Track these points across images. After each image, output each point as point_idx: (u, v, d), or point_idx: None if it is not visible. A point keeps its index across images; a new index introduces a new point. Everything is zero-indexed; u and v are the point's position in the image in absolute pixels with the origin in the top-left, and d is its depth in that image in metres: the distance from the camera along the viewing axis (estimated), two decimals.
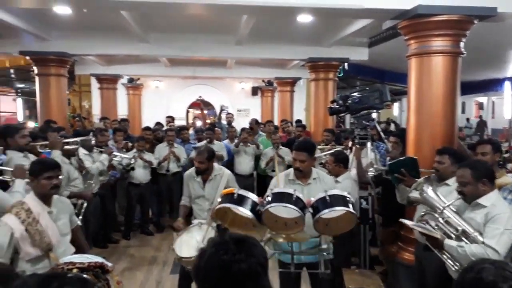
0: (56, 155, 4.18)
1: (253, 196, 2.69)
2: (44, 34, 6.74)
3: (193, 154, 6.57)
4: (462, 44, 4.22)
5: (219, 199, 2.78)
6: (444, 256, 2.77)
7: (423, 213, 3.01)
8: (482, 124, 17.88)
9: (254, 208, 2.62)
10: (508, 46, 8.10)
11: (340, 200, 2.65)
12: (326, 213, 2.59)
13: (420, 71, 4.22)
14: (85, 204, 4.39)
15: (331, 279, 4.08)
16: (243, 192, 2.71)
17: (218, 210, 2.74)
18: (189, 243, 3.36)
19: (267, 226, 2.72)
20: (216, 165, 4.10)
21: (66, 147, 4.55)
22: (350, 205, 2.63)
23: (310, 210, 2.66)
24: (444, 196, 3.01)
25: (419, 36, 4.18)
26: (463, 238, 2.70)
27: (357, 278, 4.07)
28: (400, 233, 4.60)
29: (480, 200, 2.71)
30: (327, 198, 2.61)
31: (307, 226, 2.85)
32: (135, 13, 5.69)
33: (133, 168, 6.08)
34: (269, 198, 2.64)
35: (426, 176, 3.20)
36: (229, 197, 2.67)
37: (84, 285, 0.93)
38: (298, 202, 2.59)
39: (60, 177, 2.99)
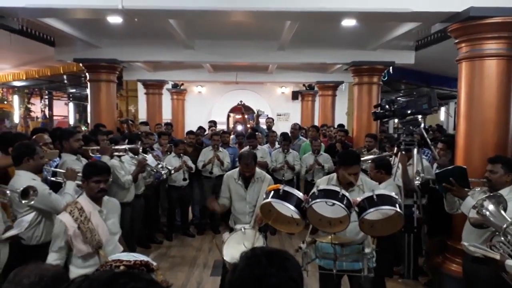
0: (106, 160, 4.37)
1: (298, 193, 2.69)
2: (96, 42, 7.09)
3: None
4: None
5: (264, 195, 2.79)
6: (509, 278, 2.61)
7: (489, 235, 2.84)
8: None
9: (299, 204, 2.61)
10: None
11: (387, 200, 2.59)
12: (372, 212, 2.53)
13: (472, 75, 4.04)
14: None
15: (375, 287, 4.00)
16: (288, 188, 2.72)
17: (263, 206, 2.75)
18: (238, 249, 3.38)
19: (311, 223, 2.70)
20: (257, 169, 4.13)
21: (116, 153, 4.73)
22: (398, 205, 2.56)
23: (356, 209, 2.61)
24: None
25: (471, 39, 4.01)
26: None
27: (400, 287, 3.97)
28: (447, 243, 4.42)
29: None
30: (374, 197, 2.55)
31: (351, 231, 2.81)
32: (180, 21, 5.86)
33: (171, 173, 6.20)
34: (315, 195, 2.62)
35: (490, 194, 2.98)
36: (274, 193, 2.68)
37: (149, 284, 0.96)
38: (344, 200, 2.55)
39: (109, 181, 3.14)
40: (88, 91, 7.82)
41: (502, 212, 2.78)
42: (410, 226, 4.51)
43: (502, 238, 2.66)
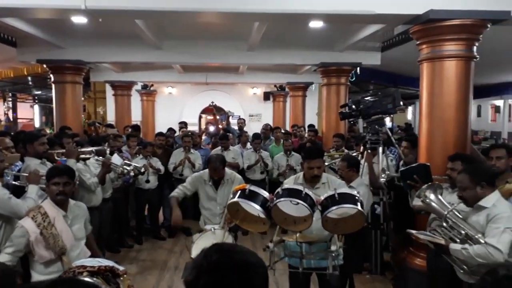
0: (71, 164, 4.26)
1: (264, 193, 2.72)
2: (60, 43, 6.89)
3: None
4: (475, 48, 4.17)
5: (231, 195, 2.81)
6: (453, 260, 2.83)
7: (430, 221, 3.08)
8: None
9: (264, 204, 2.64)
10: None
11: (349, 198, 2.66)
12: (334, 211, 2.59)
13: (432, 76, 4.19)
14: None
15: (343, 284, 4.08)
16: (254, 188, 2.74)
17: (230, 205, 2.77)
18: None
19: (276, 222, 2.73)
20: (227, 169, 4.15)
21: (82, 156, 4.62)
22: (359, 204, 2.63)
23: (319, 207, 2.66)
24: (458, 203, 3.00)
25: (431, 40, 4.16)
26: (468, 241, 2.76)
27: (368, 283, 4.07)
28: (411, 238, 4.55)
29: (481, 202, 2.79)
30: (336, 196, 2.61)
31: (318, 229, 2.86)
32: (148, 21, 5.79)
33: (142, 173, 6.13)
34: (279, 194, 2.65)
35: (430, 183, 3.22)
36: (241, 193, 2.70)
37: None
38: (307, 199, 2.60)
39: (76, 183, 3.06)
40: (53, 93, 7.60)
41: (442, 199, 3.02)
42: (376, 222, 4.64)
43: (444, 224, 2.87)
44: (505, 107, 18.22)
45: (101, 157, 4.94)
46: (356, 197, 2.67)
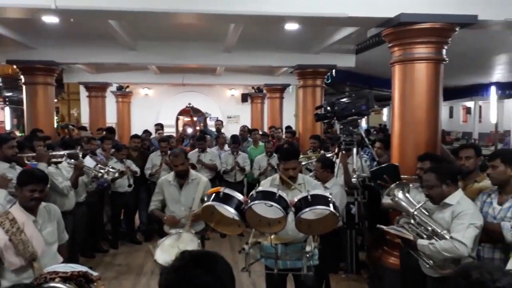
0: (42, 167, 4.15)
1: (238, 195, 2.71)
2: (31, 43, 6.71)
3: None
4: (444, 51, 4.30)
5: (205, 198, 2.79)
6: (419, 255, 2.94)
7: (398, 218, 3.15)
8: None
9: (239, 207, 2.64)
10: (492, 51, 8.26)
11: (321, 200, 2.68)
12: (307, 212, 2.62)
13: (404, 78, 4.29)
14: None
15: (319, 284, 4.13)
16: (228, 190, 2.73)
17: (204, 208, 2.75)
18: (172, 252, 3.32)
19: (250, 225, 2.74)
20: (192, 171, 4.14)
21: (53, 160, 4.51)
22: (331, 205, 2.66)
23: (293, 209, 2.69)
24: (425, 201, 3.08)
25: (402, 43, 4.26)
26: (434, 237, 2.86)
27: (344, 283, 4.12)
28: (385, 237, 4.65)
29: (447, 200, 2.90)
30: (309, 197, 2.64)
31: (293, 230, 2.88)
32: (123, 21, 5.71)
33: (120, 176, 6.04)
34: (253, 197, 2.66)
35: (398, 182, 3.32)
36: (215, 196, 2.69)
37: None
38: (280, 201, 2.61)
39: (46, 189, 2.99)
40: (23, 94, 7.39)
41: (410, 198, 3.12)
42: (351, 222, 4.71)
43: (412, 221, 2.98)
44: (476, 109, 18.84)
45: (73, 160, 4.83)
46: (329, 198, 2.70)
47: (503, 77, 12.10)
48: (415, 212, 2.96)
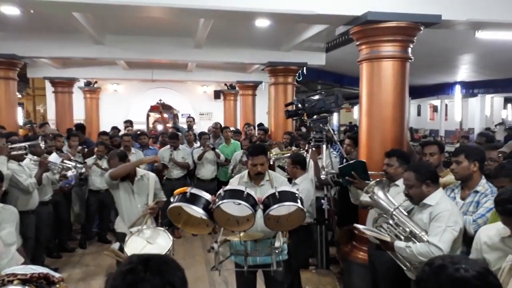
0: (2, 161, 3.99)
1: (205, 195, 2.68)
2: None
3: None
4: (410, 50, 4.39)
5: (172, 199, 2.75)
6: (396, 257, 2.88)
7: (376, 218, 3.09)
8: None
9: (206, 206, 2.61)
10: (456, 51, 8.53)
11: (289, 196, 2.69)
12: (275, 209, 2.62)
13: (371, 75, 4.36)
14: None
15: (289, 280, 4.15)
16: (195, 190, 2.70)
17: (171, 210, 2.70)
18: (144, 249, 3.24)
19: (219, 224, 2.72)
20: (138, 169, 4.08)
21: (13, 152, 4.33)
22: (299, 201, 2.67)
23: (261, 206, 2.68)
24: (393, 197, 3.11)
25: (369, 41, 4.32)
26: (412, 238, 2.80)
27: (314, 278, 4.14)
28: (354, 232, 4.72)
29: (426, 200, 2.84)
30: (277, 194, 2.64)
31: (262, 225, 2.89)
32: (88, 14, 5.53)
33: (86, 176, 5.90)
34: (221, 196, 2.64)
35: (378, 179, 3.28)
36: (182, 196, 2.65)
37: None
38: (249, 199, 2.61)
39: (3, 188, 2.87)
40: None
41: (390, 197, 3.07)
42: (321, 217, 4.75)
43: (390, 221, 2.93)
44: (442, 107, 19.46)
45: (36, 157, 4.67)
46: (296, 194, 2.71)
47: (468, 76, 12.53)
48: (394, 212, 2.89)
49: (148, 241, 3.18)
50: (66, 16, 5.14)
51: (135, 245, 3.23)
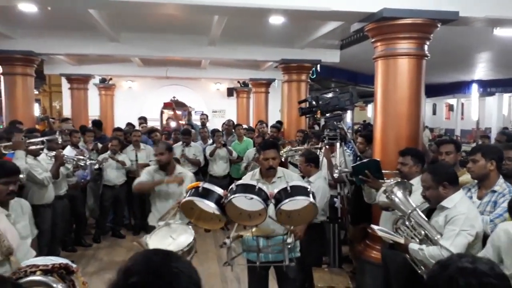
0: (20, 155, 4.06)
1: (218, 189, 2.68)
2: (9, 32, 6.53)
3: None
4: (426, 47, 4.32)
5: (184, 194, 2.76)
6: (412, 259, 2.83)
7: (396, 219, 3.02)
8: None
9: (219, 201, 2.62)
10: (473, 49, 8.39)
11: (301, 190, 2.67)
12: (287, 203, 2.60)
13: (386, 73, 4.31)
14: None
15: (302, 278, 4.14)
16: (208, 185, 2.71)
17: (184, 204, 2.72)
18: (165, 243, 3.27)
19: (231, 218, 2.72)
20: (178, 166, 4.14)
21: (31, 147, 4.41)
22: (311, 195, 2.66)
23: (273, 201, 2.68)
24: (421, 202, 3.01)
25: (385, 38, 4.27)
26: (428, 241, 2.75)
27: (326, 276, 4.12)
28: (367, 231, 4.68)
29: (444, 203, 2.77)
30: (288, 188, 2.63)
31: (273, 221, 2.89)
32: (104, 11, 5.59)
33: (100, 169, 5.98)
34: (233, 190, 2.65)
35: (399, 180, 3.19)
36: (194, 191, 2.66)
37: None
38: (260, 193, 2.60)
39: (20, 177, 2.91)
40: (1, 85, 7.21)
41: (408, 198, 2.99)
42: (334, 216, 4.72)
43: (407, 223, 2.87)
44: (458, 106, 19.18)
45: (52, 152, 4.75)
46: (308, 189, 2.70)
47: (485, 74, 12.32)
48: (411, 214, 2.83)
49: (172, 236, 3.20)
50: (82, 13, 5.20)
51: (158, 239, 3.27)
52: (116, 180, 6.20)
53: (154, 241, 3.23)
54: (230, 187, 2.70)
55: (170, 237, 3.23)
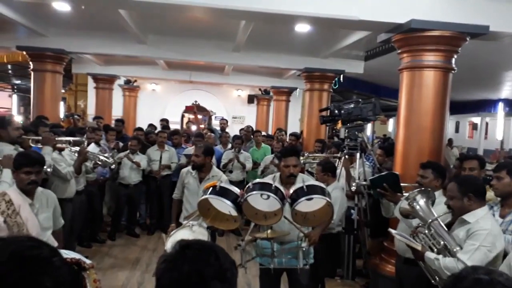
0: (47, 151, 4.15)
1: (235, 189, 2.69)
2: (42, 30, 6.74)
3: (182, 159, 6.59)
4: (453, 60, 4.26)
5: (201, 193, 2.78)
6: (426, 268, 2.77)
7: (416, 226, 2.96)
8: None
9: (235, 200, 2.62)
10: (502, 66, 8.20)
11: (317, 190, 2.64)
12: (303, 201, 2.58)
13: (411, 84, 4.26)
14: None
15: (314, 286, 4.09)
16: (225, 184, 2.72)
17: (201, 203, 2.73)
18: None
19: (247, 217, 2.71)
20: (215, 168, 4.21)
21: (58, 145, 4.52)
22: (327, 195, 2.63)
23: (289, 200, 2.66)
24: (446, 213, 2.95)
25: (412, 50, 4.23)
26: (446, 253, 2.68)
27: None
28: (384, 244, 4.60)
29: (465, 216, 2.69)
30: (304, 188, 2.61)
31: (288, 224, 2.86)
32: (133, 13, 5.73)
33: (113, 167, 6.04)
34: (250, 188, 2.64)
35: (423, 188, 3.11)
36: (212, 190, 2.67)
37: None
38: (277, 192, 2.59)
39: (47, 171, 2.97)
40: (31, 81, 7.43)
41: (430, 207, 2.93)
42: (350, 227, 4.66)
43: (426, 231, 2.81)
44: (482, 125, 18.73)
45: (76, 147, 4.85)
46: (324, 189, 2.67)
47: None
48: (432, 223, 2.78)
49: (189, 238, 3.22)
50: (113, 14, 5.33)
51: (176, 240, 3.30)
52: (130, 179, 6.27)
53: (171, 240, 3.28)
54: (247, 186, 2.70)
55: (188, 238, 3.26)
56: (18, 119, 10.16)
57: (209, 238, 3.45)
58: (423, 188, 3.07)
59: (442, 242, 2.72)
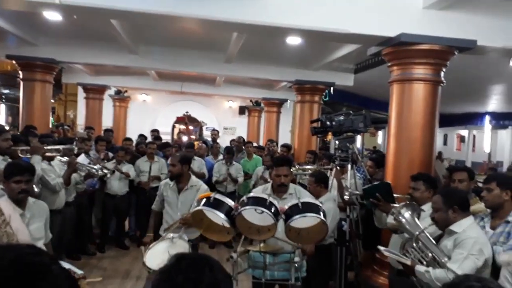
0: (36, 160, 4.09)
1: (229, 201, 2.67)
2: (32, 39, 6.71)
3: None
4: (442, 74, 4.34)
5: (195, 203, 2.75)
6: (418, 282, 2.77)
7: (404, 242, 2.98)
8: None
9: (229, 212, 2.60)
10: (489, 80, 8.38)
11: (312, 207, 2.64)
12: (297, 219, 2.57)
13: (401, 97, 4.33)
14: None
15: None
16: (219, 196, 2.69)
17: (194, 214, 2.71)
18: (161, 257, 3.25)
19: (240, 231, 2.69)
20: (193, 177, 4.10)
21: (47, 154, 4.45)
22: (322, 214, 2.62)
23: (283, 216, 2.65)
24: (431, 225, 2.98)
25: (402, 63, 4.30)
26: (436, 264, 2.70)
27: None
28: (376, 256, 4.60)
29: (452, 227, 2.73)
30: (300, 205, 2.60)
31: (282, 237, 2.84)
32: (125, 23, 5.73)
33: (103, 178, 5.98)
34: (244, 202, 2.63)
35: (408, 202, 3.17)
36: (205, 201, 2.65)
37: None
38: (271, 207, 2.57)
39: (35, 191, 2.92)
40: (20, 90, 7.36)
41: (416, 220, 2.95)
42: (342, 239, 4.65)
43: (414, 244, 2.82)
44: (470, 137, 19.00)
45: (66, 157, 4.78)
46: (319, 207, 2.67)
47: (498, 107, 12.25)
48: (419, 236, 2.79)
49: (169, 252, 3.18)
50: (104, 24, 5.33)
51: (155, 252, 3.25)
52: (118, 190, 6.20)
53: (150, 254, 3.23)
54: (242, 199, 2.68)
55: (167, 253, 3.21)
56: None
57: (190, 251, 3.40)
58: (407, 202, 3.10)
59: (430, 254, 2.74)
